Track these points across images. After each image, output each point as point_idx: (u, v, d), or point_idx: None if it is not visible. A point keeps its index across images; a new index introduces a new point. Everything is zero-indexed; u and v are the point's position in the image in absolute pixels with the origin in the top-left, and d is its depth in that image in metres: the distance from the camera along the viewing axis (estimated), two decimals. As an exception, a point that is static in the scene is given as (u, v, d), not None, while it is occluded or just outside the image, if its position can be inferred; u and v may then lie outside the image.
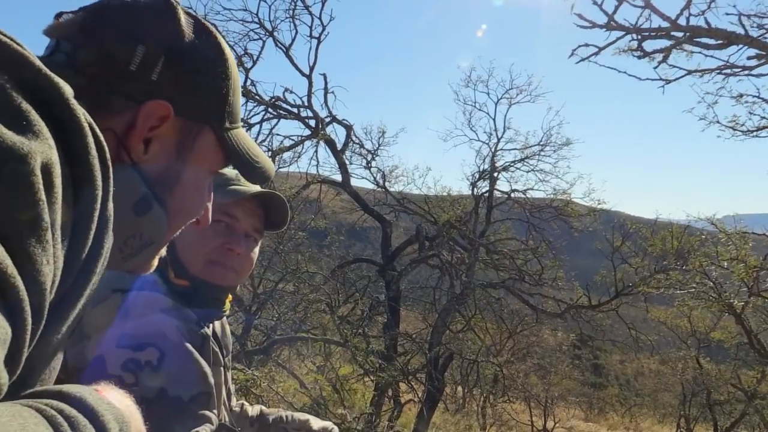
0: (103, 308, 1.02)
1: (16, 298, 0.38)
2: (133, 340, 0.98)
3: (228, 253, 1.22)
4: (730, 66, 5.08)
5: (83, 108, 0.48)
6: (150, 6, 0.68)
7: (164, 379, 0.97)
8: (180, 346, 1.02)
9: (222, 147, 0.75)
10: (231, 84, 0.74)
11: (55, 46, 0.65)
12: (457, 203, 10.77)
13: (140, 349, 0.98)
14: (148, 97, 0.65)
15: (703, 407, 12.80)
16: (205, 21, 0.73)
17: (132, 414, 0.53)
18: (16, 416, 0.38)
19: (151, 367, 0.97)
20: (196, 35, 0.70)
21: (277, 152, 8.76)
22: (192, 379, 1.02)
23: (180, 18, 0.69)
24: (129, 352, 0.97)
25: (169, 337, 1.02)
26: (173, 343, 1.01)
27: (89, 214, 0.47)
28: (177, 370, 1.00)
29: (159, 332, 1.01)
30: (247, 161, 0.79)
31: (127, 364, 0.96)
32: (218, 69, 0.72)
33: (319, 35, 8.97)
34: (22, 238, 0.39)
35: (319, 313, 8.65)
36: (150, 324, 1.02)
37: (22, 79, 0.43)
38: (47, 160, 0.41)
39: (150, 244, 0.70)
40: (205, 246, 1.20)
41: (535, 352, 14.12)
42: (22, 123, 0.40)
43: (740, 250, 8.04)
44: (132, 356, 0.97)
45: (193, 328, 1.09)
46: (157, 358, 0.98)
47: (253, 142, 0.82)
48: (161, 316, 1.04)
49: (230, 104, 0.75)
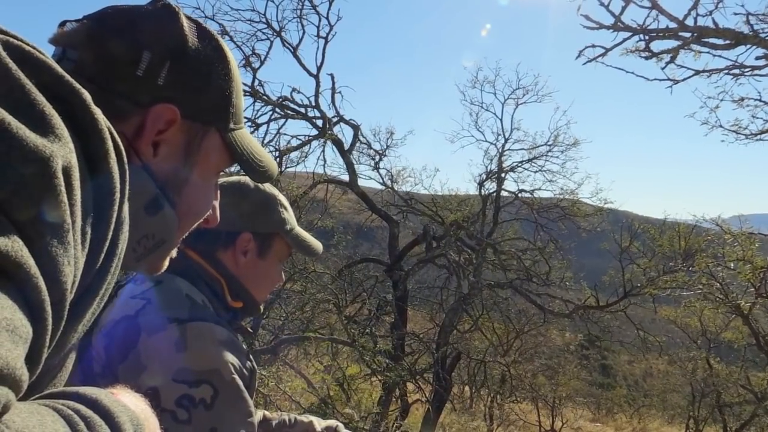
0: (160, 338, 1.01)
1: (38, 299, 0.39)
2: (188, 375, 0.97)
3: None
4: (739, 66, 5.06)
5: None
6: (153, 12, 0.71)
7: (215, 419, 0.97)
8: (232, 385, 1.01)
9: (227, 148, 0.77)
10: (234, 86, 0.76)
11: (61, 54, 0.67)
12: (465, 203, 10.75)
13: (196, 385, 0.97)
14: (155, 101, 0.68)
15: (713, 408, 12.69)
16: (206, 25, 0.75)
17: (147, 417, 0.54)
18: (34, 413, 0.39)
19: (204, 405, 0.96)
20: (199, 39, 0.72)
21: (284, 152, 8.78)
22: (240, 420, 1.02)
23: (183, 23, 0.71)
24: (185, 388, 0.96)
25: (223, 374, 1.00)
26: (226, 381, 1.00)
27: (107, 216, 0.48)
28: (228, 410, 0.99)
29: (215, 368, 1.00)
30: (251, 162, 0.81)
31: (182, 401, 0.95)
32: (221, 71, 0.74)
33: (327, 35, 8.98)
34: (45, 239, 0.40)
35: (326, 312, 8.65)
36: (207, 358, 1.01)
37: (45, 84, 0.44)
38: (68, 162, 0.42)
39: (162, 244, 0.72)
40: (278, 281, 1.35)
41: (542, 352, 14.05)
42: (45, 126, 0.41)
43: (747, 250, 7.99)
44: (187, 392, 0.96)
45: (244, 362, 1.08)
46: (211, 396, 0.97)
47: (256, 143, 0.84)
48: (216, 350, 1.02)
49: (234, 105, 0.77)
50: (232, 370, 1.02)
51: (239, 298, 1.24)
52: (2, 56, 0.41)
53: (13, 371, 0.36)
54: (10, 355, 0.35)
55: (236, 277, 1.24)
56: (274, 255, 1.31)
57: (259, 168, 0.82)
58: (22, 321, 0.38)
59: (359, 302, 9.50)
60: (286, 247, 1.33)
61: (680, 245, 8.87)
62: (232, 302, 1.23)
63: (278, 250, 1.31)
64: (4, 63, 0.41)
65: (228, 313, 1.21)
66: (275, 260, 1.31)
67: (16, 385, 0.36)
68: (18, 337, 0.37)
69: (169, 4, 0.72)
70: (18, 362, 0.36)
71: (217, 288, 1.21)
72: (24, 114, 0.40)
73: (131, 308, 1.05)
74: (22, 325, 0.38)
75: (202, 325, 1.04)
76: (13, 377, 0.36)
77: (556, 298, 10.27)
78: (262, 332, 7.80)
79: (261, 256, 1.28)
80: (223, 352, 1.03)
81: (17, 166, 0.38)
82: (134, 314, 1.04)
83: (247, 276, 1.26)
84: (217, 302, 1.19)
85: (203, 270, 1.19)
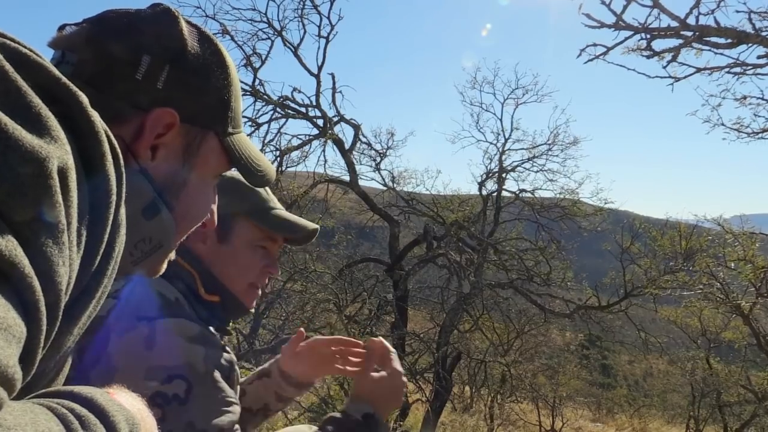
0: (129, 338, 0.99)
1: (33, 299, 0.39)
2: (160, 372, 0.96)
3: (265, 276, 1.27)
4: (741, 64, 5.05)
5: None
6: (153, 16, 0.71)
7: (192, 412, 0.96)
8: (207, 377, 1.00)
9: (225, 151, 0.77)
10: (232, 90, 0.76)
11: (60, 57, 0.67)
12: (466, 204, 10.76)
13: (168, 381, 0.95)
14: (154, 105, 0.68)
15: (713, 408, 12.70)
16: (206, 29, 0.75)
17: (144, 417, 0.54)
18: (27, 411, 0.39)
19: (178, 401, 0.95)
20: (199, 44, 0.72)
21: (285, 152, 8.78)
22: (218, 410, 1.00)
23: (182, 27, 0.71)
24: (156, 385, 0.94)
25: (196, 367, 0.99)
26: (200, 374, 0.99)
27: (103, 218, 0.48)
28: (205, 402, 0.98)
29: (187, 363, 0.98)
30: (249, 165, 0.81)
31: (155, 398, 0.93)
32: (220, 76, 0.74)
33: (328, 35, 8.99)
34: (40, 240, 0.40)
35: (326, 312, 8.67)
36: (177, 354, 0.99)
37: (42, 86, 0.44)
38: (64, 164, 0.42)
39: (159, 248, 0.71)
40: (254, 269, 1.24)
41: (543, 352, 14.06)
42: (41, 128, 0.41)
43: (747, 250, 7.98)
44: (159, 389, 0.94)
45: (220, 354, 1.06)
46: (185, 390, 0.96)
47: (254, 147, 0.84)
48: (188, 344, 1.01)
49: (232, 110, 0.77)
50: (206, 362, 1.00)
51: (214, 290, 1.19)
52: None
53: (6, 369, 0.36)
54: (2, 353, 0.35)
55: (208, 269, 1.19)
56: (239, 238, 1.23)
57: (257, 172, 0.82)
58: (16, 320, 0.37)
59: (360, 302, 9.50)
60: (255, 228, 1.24)
61: (681, 245, 8.86)
62: (206, 295, 1.18)
63: (243, 233, 1.23)
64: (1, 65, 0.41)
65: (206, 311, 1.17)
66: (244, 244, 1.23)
67: (8, 384, 0.36)
68: (11, 336, 0.37)
69: (169, 8, 0.73)
70: (10, 360, 0.36)
71: (191, 281, 1.17)
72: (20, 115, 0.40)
73: (104, 308, 1.02)
74: (16, 324, 0.37)
75: (171, 321, 1.02)
76: (6, 376, 0.36)
77: (557, 298, 10.27)
78: (262, 332, 7.81)
79: (223, 242, 1.21)
80: (193, 346, 1.01)
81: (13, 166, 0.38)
82: (106, 314, 1.01)
83: (213, 264, 1.19)
84: (192, 297, 1.15)
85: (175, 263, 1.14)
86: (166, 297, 1.08)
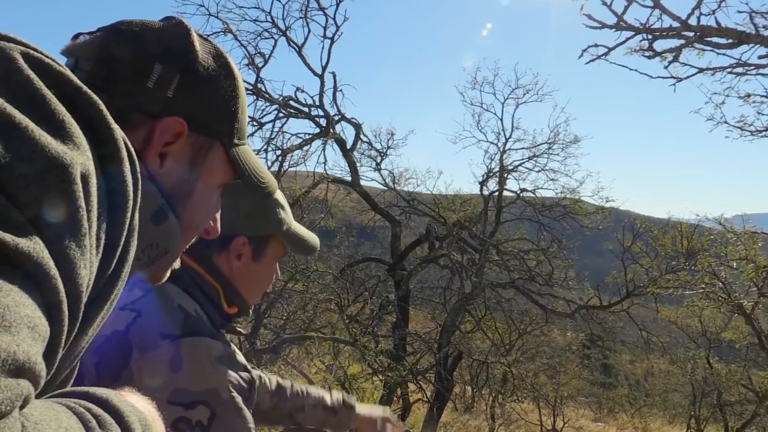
0: (153, 357, 0.98)
1: (56, 299, 0.40)
2: (185, 396, 0.95)
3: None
4: (742, 64, 5.05)
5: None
6: (166, 28, 0.73)
7: None
8: (230, 404, 1.00)
9: (231, 162, 0.79)
10: (240, 102, 0.78)
11: (74, 65, 0.69)
12: (467, 204, 10.76)
13: (192, 407, 0.95)
14: (163, 113, 0.69)
15: (714, 408, 12.70)
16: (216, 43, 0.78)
17: (155, 419, 0.55)
18: (50, 409, 0.41)
19: (201, 428, 0.95)
20: (209, 56, 0.75)
21: (286, 151, 8.77)
22: None
23: (194, 40, 0.73)
24: (181, 410, 0.94)
25: (220, 393, 0.98)
26: (224, 400, 0.99)
27: (121, 222, 0.49)
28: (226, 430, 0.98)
29: (211, 388, 0.98)
30: (253, 177, 0.83)
31: (178, 424, 0.93)
32: (229, 88, 0.76)
33: (333, 36, 8.99)
34: (64, 243, 0.41)
35: (328, 312, 8.67)
36: (202, 378, 0.98)
37: (64, 94, 0.46)
38: (86, 170, 0.44)
39: (165, 254, 0.73)
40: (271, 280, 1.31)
41: (544, 351, 14.06)
42: (65, 135, 0.43)
43: (749, 250, 7.98)
44: (183, 414, 0.94)
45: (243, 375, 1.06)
46: (208, 417, 0.95)
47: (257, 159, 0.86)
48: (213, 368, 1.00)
49: (239, 121, 0.79)
50: (230, 387, 1.00)
51: (234, 303, 1.22)
52: (23, 67, 0.44)
53: (34, 366, 0.37)
54: (31, 350, 0.37)
55: (231, 283, 1.21)
56: (270, 256, 1.28)
57: (260, 184, 0.84)
58: (41, 320, 0.39)
59: (361, 302, 9.52)
60: (282, 246, 1.30)
61: (683, 244, 8.87)
62: (228, 309, 1.20)
63: (274, 251, 1.28)
64: (26, 74, 0.44)
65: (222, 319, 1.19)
66: (271, 261, 1.28)
67: (35, 380, 0.38)
68: (37, 334, 0.38)
69: (182, 21, 0.75)
70: (38, 357, 0.38)
71: (214, 296, 1.18)
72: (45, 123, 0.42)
73: (121, 322, 1.01)
74: (41, 323, 0.39)
75: (197, 341, 1.02)
76: (34, 372, 0.37)
77: (558, 298, 10.27)
78: (264, 331, 7.81)
79: (256, 259, 1.25)
80: (220, 370, 1.01)
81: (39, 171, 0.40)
82: (125, 329, 1.00)
83: (239, 279, 1.22)
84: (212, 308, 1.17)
85: (200, 277, 1.16)
86: (187, 311, 1.08)
